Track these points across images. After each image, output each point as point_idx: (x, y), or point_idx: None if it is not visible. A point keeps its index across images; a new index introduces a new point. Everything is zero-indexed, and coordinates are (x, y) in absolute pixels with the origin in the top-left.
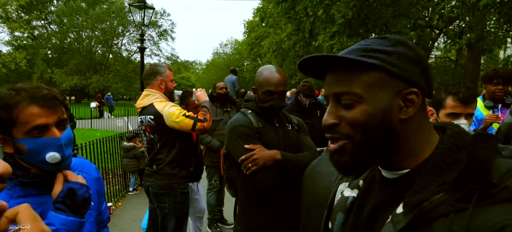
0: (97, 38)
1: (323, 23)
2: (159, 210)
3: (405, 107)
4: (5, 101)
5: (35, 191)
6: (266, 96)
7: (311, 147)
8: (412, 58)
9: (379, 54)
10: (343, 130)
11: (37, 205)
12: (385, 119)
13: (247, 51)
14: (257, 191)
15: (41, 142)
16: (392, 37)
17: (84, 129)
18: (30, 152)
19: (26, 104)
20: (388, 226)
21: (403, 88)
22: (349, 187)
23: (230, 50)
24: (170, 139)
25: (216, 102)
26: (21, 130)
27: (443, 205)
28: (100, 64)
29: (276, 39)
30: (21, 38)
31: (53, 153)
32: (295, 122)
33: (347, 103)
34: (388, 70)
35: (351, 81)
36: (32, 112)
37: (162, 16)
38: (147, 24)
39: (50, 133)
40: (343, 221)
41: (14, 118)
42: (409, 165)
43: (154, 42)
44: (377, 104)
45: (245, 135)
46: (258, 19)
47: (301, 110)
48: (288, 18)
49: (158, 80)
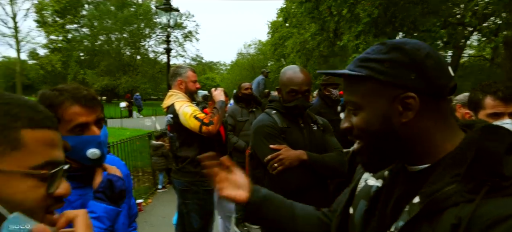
0: (126, 40)
1: (348, 23)
2: (184, 207)
3: (405, 111)
4: (50, 101)
5: (76, 184)
6: (290, 96)
7: (337, 148)
8: (406, 63)
9: (372, 63)
10: (355, 134)
11: (79, 196)
12: (385, 124)
13: (271, 51)
14: (283, 192)
15: (82, 139)
16: (390, 42)
17: (115, 128)
18: (73, 149)
19: (69, 103)
20: (405, 214)
21: (399, 93)
22: (373, 177)
23: (254, 51)
24: (187, 138)
25: (241, 102)
26: (64, 128)
27: (455, 195)
28: (128, 65)
29: (300, 39)
30: (56, 41)
31: (94, 150)
32: (321, 122)
33: (352, 110)
34: (378, 79)
35: (352, 91)
36: (74, 111)
37: (187, 17)
38: (172, 25)
39: (90, 131)
40: (366, 209)
41: (59, 116)
42: (429, 161)
43: (179, 43)
44: (374, 111)
45: (270, 135)
46: (281, 19)
47: (328, 106)
48: (312, 18)
49: (178, 81)
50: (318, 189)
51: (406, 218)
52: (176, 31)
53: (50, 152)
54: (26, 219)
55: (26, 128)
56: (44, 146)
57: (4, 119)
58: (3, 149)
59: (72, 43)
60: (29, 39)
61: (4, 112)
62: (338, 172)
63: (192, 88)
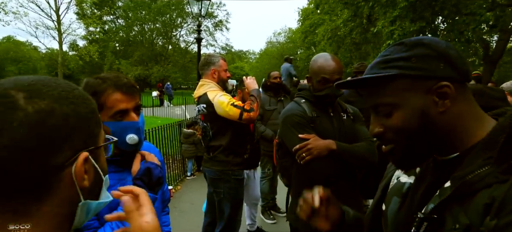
0: (158, 30)
1: (383, 7)
2: (216, 195)
3: (441, 100)
4: (94, 89)
5: (115, 168)
6: (321, 85)
7: (367, 138)
8: (432, 55)
9: (398, 62)
10: (389, 136)
11: (117, 180)
12: (424, 118)
13: (301, 39)
14: (311, 181)
15: (122, 125)
16: (408, 41)
17: (146, 117)
18: (113, 134)
19: (111, 91)
20: (435, 198)
21: (432, 85)
22: (406, 174)
23: (284, 39)
24: (221, 128)
25: (270, 91)
26: (106, 114)
27: (488, 177)
28: (160, 55)
29: (331, 26)
30: (94, 32)
31: (132, 135)
32: (351, 111)
33: (386, 112)
34: (410, 75)
35: (382, 93)
36: (116, 98)
37: (218, 7)
38: (204, 15)
39: (129, 117)
40: (399, 206)
41: (101, 103)
42: (461, 149)
43: (210, 32)
44: (412, 106)
45: (299, 124)
46: (313, 6)
47: (359, 95)
48: (345, 4)
49: (212, 70)
50: (346, 179)
51: (436, 200)
52: (207, 20)
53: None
54: (107, 176)
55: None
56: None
57: (92, 103)
58: (98, 129)
59: (109, 34)
60: (70, 31)
61: (87, 97)
62: (368, 162)
63: (224, 76)
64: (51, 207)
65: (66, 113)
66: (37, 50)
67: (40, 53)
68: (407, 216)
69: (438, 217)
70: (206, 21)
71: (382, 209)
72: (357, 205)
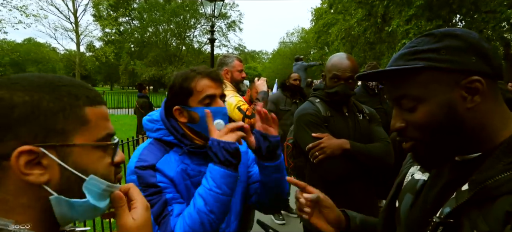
0: (172, 31)
1: (398, 6)
2: None
3: (470, 96)
4: (186, 75)
5: (198, 160)
6: (333, 82)
7: (383, 138)
8: (463, 47)
9: (426, 54)
10: (412, 134)
11: (198, 172)
12: (450, 113)
13: (314, 39)
14: (324, 181)
15: (211, 109)
16: (438, 32)
17: None
18: (201, 119)
19: (200, 77)
20: (451, 201)
21: (462, 79)
22: (420, 171)
23: (297, 39)
24: None
25: (287, 91)
26: (196, 98)
27: (509, 183)
28: (174, 55)
29: (345, 25)
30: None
31: (219, 120)
32: (367, 111)
33: (410, 106)
34: (438, 67)
35: (407, 85)
36: (205, 84)
37: (231, 7)
38: (217, 15)
39: (217, 103)
40: (412, 202)
41: (192, 87)
42: (483, 149)
43: (223, 33)
44: (438, 101)
45: (312, 124)
46: (326, 6)
47: (370, 95)
48: (359, 3)
49: (224, 70)
50: (360, 180)
51: (453, 204)
52: (220, 21)
53: (108, 125)
54: (100, 180)
55: (87, 106)
56: (103, 120)
57: (69, 99)
58: (73, 126)
59: (124, 35)
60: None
61: (67, 93)
62: (384, 162)
63: (237, 77)
64: (5, 194)
65: (15, 104)
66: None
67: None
68: (420, 215)
69: (454, 222)
70: (219, 21)
71: (396, 205)
72: (371, 206)
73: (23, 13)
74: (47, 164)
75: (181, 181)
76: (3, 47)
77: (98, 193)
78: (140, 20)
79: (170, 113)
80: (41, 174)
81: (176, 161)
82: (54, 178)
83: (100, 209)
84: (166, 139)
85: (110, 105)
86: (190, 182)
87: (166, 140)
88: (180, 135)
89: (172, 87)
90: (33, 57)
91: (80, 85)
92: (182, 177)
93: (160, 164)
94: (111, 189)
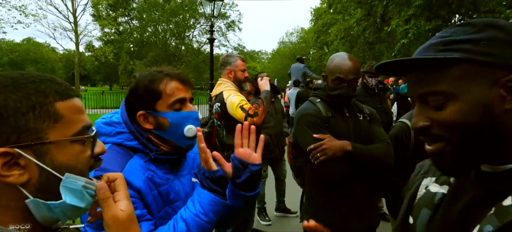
0: (171, 31)
1: (398, 6)
2: None
3: (510, 96)
4: (152, 76)
5: (163, 168)
6: (335, 84)
7: (384, 139)
8: (507, 40)
9: (463, 45)
10: (437, 132)
11: (165, 181)
12: (486, 114)
13: (313, 39)
14: (324, 181)
15: (182, 115)
16: (478, 21)
17: None
18: (171, 126)
19: (169, 79)
20: (490, 218)
21: (502, 76)
22: (436, 183)
23: (296, 39)
24: (234, 127)
25: None
26: (165, 102)
27: None
28: (173, 55)
29: (345, 25)
30: (109, 34)
31: (191, 126)
32: (367, 112)
33: (437, 104)
34: (477, 60)
35: (436, 79)
36: (175, 86)
37: (230, 7)
38: (216, 15)
39: (187, 107)
40: (429, 218)
41: (161, 90)
42: None
43: (222, 33)
44: (473, 98)
45: (313, 124)
46: (325, 6)
47: (370, 95)
48: (358, 2)
49: (227, 70)
50: (361, 180)
51: (495, 222)
52: (219, 21)
53: (83, 118)
54: (77, 177)
55: (58, 101)
56: (77, 113)
57: (38, 97)
58: (47, 124)
59: (123, 35)
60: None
61: (35, 90)
62: (385, 164)
63: (241, 77)
64: None
65: None
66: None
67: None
68: (443, 231)
69: None
70: (218, 21)
71: (409, 222)
72: (371, 206)
73: (22, 13)
74: (24, 164)
75: (148, 191)
76: (2, 47)
77: (77, 191)
78: (139, 20)
79: (132, 118)
80: (21, 174)
81: (141, 167)
82: (34, 178)
83: (81, 208)
84: (128, 144)
85: (110, 105)
86: (157, 191)
87: (128, 145)
88: (146, 139)
89: (135, 90)
90: (32, 57)
91: (47, 80)
92: (148, 187)
93: (126, 173)
94: (90, 185)
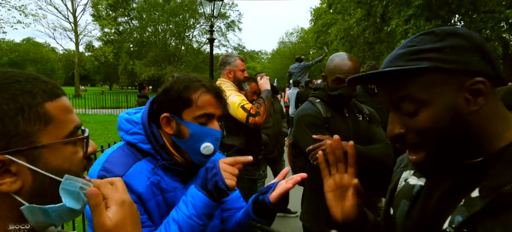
0: (171, 31)
1: (397, 6)
2: None
3: (473, 98)
4: (188, 83)
5: (172, 177)
6: (336, 84)
7: (383, 139)
8: (467, 47)
9: (429, 54)
10: (413, 140)
11: (173, 189)
12: (456, 117)
13: (313, 39)
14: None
15: (204, 130)
16: (440, 30)
17: None
18: (190, 137)
19: (204, 90)
20: (460, 209)
21: (465, 80)
22: (414, 176)
23: (296, 39)
24: (234, 127)
25: None
26: (193, 113)
27: None
28: (173, 55)
29: (344, 25)
30: (109, 34)
31: (209, 144)
32: (367, 112)
33: (410, 110)
34: (443, 68)
35: (408, 87)
36: (208, 100)
37: (230, 7)
38: (216, 15)
39: (213, 124)
40: (408, 209)
41: (192, 99)
42: (485, 153)
43: (222, 33)
44: (443, 104)
45: (313, 125)
46: (325, 6)
47: (370, 95)
48: (358, 2)
49: (227, 70)
50: (360, 180)
51: (464, 212)
52: (219, 21)
53: (73, 117)
54: (76, 179)
55: (47, 101)
56: (67, 113)
57: (25, 98)
58: (37, 126)
59: (123, 35)
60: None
61: (20, 90)
62: (384, 165)
63: (240, 77)
64: None
65: None
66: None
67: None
68: (419, 223)
69: (468, 231)
70: (218, 21)
71: (390, 213)
72: (371, 206)
73: (22, 13)
74: (16, 170)
75: (150, 197)
76: (2, 47)
77: (74, 193)
78: (139, 20)
79: (154, 117)
80: (13, 182)
81: (147, 172)
82: (27, 184)
83: (77, 210)
84: (141, 147)
85: (109, 105)
86: (162, 197)
87: (141, 147)
88: (159, 146)
89: (168, 91)
90: (32, 57)
91: (32, 79)
92: (152, 192)
93: (128, 176)
94: (86, 186)
